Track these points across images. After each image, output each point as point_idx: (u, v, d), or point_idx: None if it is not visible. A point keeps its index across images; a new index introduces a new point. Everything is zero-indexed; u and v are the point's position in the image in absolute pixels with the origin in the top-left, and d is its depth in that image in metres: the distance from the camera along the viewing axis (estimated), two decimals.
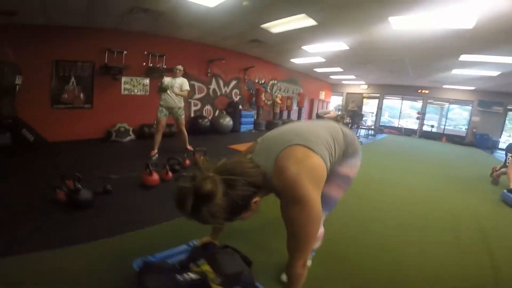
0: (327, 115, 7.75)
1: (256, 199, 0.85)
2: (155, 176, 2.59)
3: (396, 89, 11.95)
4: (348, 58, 6.83)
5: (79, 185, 1.99)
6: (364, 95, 13.24)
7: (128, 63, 5.13)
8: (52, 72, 4.47)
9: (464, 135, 10.92)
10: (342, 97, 13.86)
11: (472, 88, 9.81)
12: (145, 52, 5.49)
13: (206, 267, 1.06)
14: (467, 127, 10.94)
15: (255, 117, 8.28)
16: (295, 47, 6.11)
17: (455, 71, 6.98)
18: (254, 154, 1.00)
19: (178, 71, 3.85)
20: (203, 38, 5.97)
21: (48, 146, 4.00)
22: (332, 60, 7.28)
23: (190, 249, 1.38)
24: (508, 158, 3.80)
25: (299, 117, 10.83)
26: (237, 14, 4.05)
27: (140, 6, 3.83)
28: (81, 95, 4.83)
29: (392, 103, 13.19)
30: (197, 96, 6.72)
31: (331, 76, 11.09)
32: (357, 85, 13.06)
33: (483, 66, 6.01)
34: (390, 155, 6.23)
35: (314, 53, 6.58)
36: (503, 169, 3.93)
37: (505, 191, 2.99)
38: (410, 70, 7.72)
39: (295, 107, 10.43)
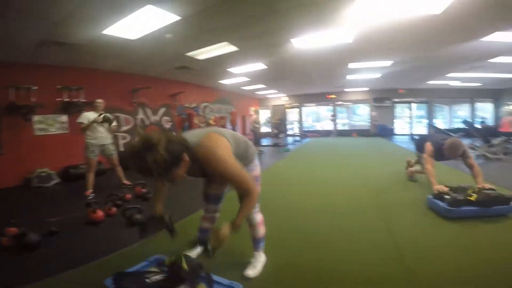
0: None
1: (185, 155, 1.14)
2: (100, 212, 2.59)
3: (311, 97, 13.87)
4: (268, 76, 7.76)
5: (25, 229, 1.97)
6: (287, 106, 14.83)
7: (40, 100, 4.62)
8: None
9: (369, 128, 13.36)
10: (269, 110, 15.16)
11: (367, 89, 12.28)
12: (58, 87, 5.02)
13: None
14: (369, 121, 13.43)
15: None
16: (222, 70, 6.61)
17: (348, 77, 8.72)
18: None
19: (99, 105, 3.69)
20: (126, 68, 5.88)
21: None
22: (255, 78, 8.12)
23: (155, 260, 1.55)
24: (421, 156, 3.53)
25: None
26: (160, 45, 4.24)
27: (52, 40, 3.64)
28: None
29: (314, 109, 15.14)
30: (124, 128, 6.36)
31: (257, 92, 12.14)
32: (280, 98, 14.58)
33: (368, 71, 7.75)
34: (314, 156, 6.97)
35: (239, 74, 7.24)
36: (417, 168, 3.80)
37: (429, 196, 2.68)
38: (317, 80, 9.23)
39: (229, 126, 10.90)
